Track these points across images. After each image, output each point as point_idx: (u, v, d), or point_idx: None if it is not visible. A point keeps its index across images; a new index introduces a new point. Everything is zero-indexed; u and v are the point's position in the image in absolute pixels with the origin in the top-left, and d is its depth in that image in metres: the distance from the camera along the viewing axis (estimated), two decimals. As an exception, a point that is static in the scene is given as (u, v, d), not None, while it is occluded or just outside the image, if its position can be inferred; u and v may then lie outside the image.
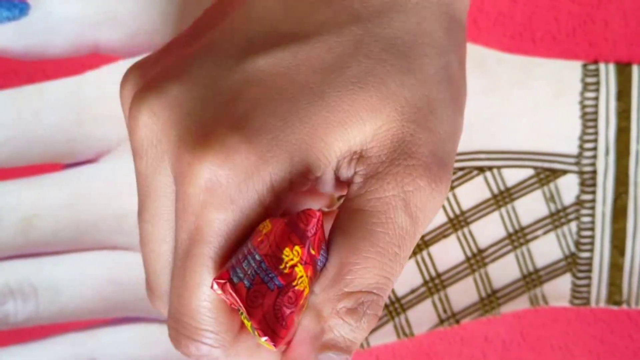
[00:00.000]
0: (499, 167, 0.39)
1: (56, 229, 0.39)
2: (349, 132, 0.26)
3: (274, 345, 0.25)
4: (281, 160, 0.26)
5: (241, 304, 0.25)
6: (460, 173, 0.39)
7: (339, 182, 0.28)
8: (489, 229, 0.39)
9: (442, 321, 0.39)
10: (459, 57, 0.29)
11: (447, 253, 0.39)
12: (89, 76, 0.39)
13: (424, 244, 0.39)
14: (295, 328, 0.26)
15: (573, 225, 0.40)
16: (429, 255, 0.39)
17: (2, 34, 0.38)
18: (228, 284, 0.25)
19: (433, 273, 0.39)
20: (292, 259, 0.25)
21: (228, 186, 0.25)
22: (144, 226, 0.29)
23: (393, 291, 0.39)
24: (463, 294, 0.39)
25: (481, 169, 0.39)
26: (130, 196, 0.38)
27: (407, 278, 0.39)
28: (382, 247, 0.26)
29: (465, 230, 0.39)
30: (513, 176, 0.39)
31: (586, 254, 0.40)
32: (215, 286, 0.25)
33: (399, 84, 0.27)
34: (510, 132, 0.39)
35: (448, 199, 0.39)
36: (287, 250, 0.25)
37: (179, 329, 0.27)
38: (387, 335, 0.39)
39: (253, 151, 0.25)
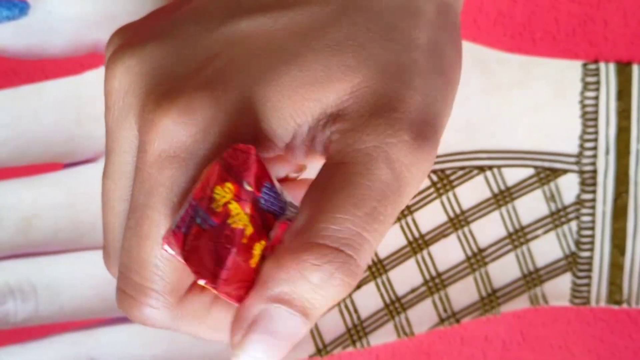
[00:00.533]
0: (499, 167, 0.39)
1: (56, 228, 0.39)
2: (320, 90, 0.25)
3: (215, 288, 0.24)
4: (243, 114, 0.25)
5: (179, 252, 0.24)
6: (460, 172, 0.39)
7: (313, 152, 0.27)
8: (489, 229, 0.39)
9: (442, 320, 0.39)
10: (450, 36, 0.28)
11: (448, 252, 0.39)
12: (88, 76, 0.39)
13: (424, 243, 0.39)
14: (243, 271, 0.24)
15: (573, 225, 0.40)
16: (429, 254, 0.39)
17: (2, 33, 0.38)
18: (171, 237, 0.24)
19: (433, 272, 0.39)
20: (224, 197, 0.24)
21: (185, 136, 0.25)
22: (105, 182, 0.28)
23: (393, 290, 0.39)
24: (463, 293, 0.39)
25: (481, 169, 0.39)
26: (130, 195, 0.38)
27: (408, 277, 0.39)
28: (360, 198, 0.24)
29: (466, 229, 0.39)
30: (513, 175, 0.39)
31: (586, 254, 0.40)
32: (166, 245, 0.24)
33: (382, 47, 0.26)
34: (510, 132, 0.39)
35: (448, 199, 0.39)
36: (218, 189, 0.24)
37: (125, 288, 0.26)
38: (387, 335, 0.39)
39: (215, 103, 0.25)
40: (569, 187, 0.40)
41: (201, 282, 0.24)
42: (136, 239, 0.26)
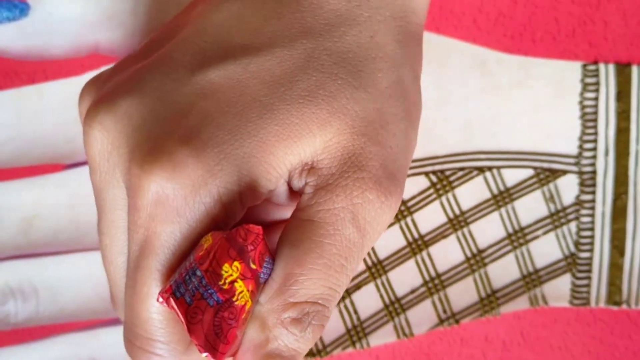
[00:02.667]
0: (498, 168, 0.39)
1: (57, 229, 0.39)
2: (299, 145, 0.27)
3: (215, 359, 0.25)
4: (229, 173, 0.26)
5: (182, 320, 0.25)
6: (460, 173, 0.39)
7: (293, 192, 0.28)
8: (488, 229, 0.39)
9: (442, 321, 0.39)
10: (413, 71, 0.29)
11: (447, 253, 0.39)
12: (89, 77, 0.39)
13: (423, 244, 0.39)
14: (239, 342, 0.27)
15: (573, 226, 0.40)
16: (429, 255, 0.39)
17: (3, 34, 0.38)
18: (171, 299, 0.25)
19: (433, 273, 0.39)
20: (231, 275, 0.26)
21: (175, 199, 0.26)
22: (102, 238, 0.29)
23: (393, 291, 0.39)
24: (463, 294, 0.39)
25: (481, 169, 0.39)
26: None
27: (407, 278, 0.39)
28: (329, 258, 0.26)
29: (465, 230, 0.39)
30: (513, 176, 0.39)
31: (586, 254, 0.40)
32: (161, 299, 0.25)
33: (350, 98, 0.27)
34: (510, 133, 0.39)
35: (448, 199, 0.39)
36: (226, 266, 0.25)
37: (132, 339, 0.27)
38: (387, 335, 0.39)
39: (200, 165, 0.26)
40: (568, 188, 0.40)
41: (203, 355, 0.25)
42: (136, 297, 0.27)
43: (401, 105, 0.28)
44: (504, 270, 0.40)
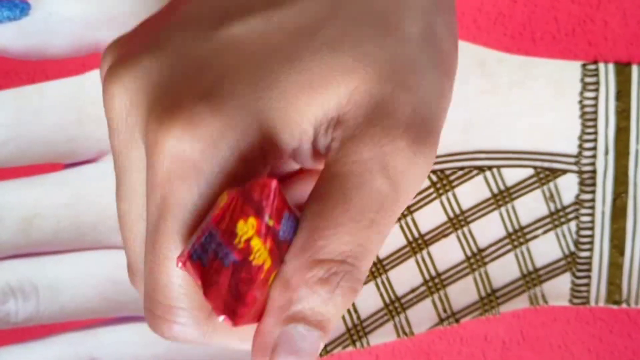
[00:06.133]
0: (498, 167, 0.39)
1: (57, 228, 0.39)
2: (322, 95, 0.25)
3: (233, 324, 0.24)
4: (248, 125, 0.25)
5: (198, 283, 0.24)
6: (460, 173, 0.39)
7: (319, 155, 0.27)
8: (488, 229, 0.39)
9: (441, 320, 0.39)
10: (445, 20, 0.28)
11: (447, 252, 0.39)
12: (89, 76, 0.39)
13: (424, 243, 0.39)
14: (262, 304, 0.25)
15: (572, 225, 0.40)
16: (429, 254, 0.39)
17: (3, 33, 0.38)
18: (188, 263, 0.24)
19: (433, 272, 0.39)
20: (246, 232, 0.24)
21: (192, 153, 0.24)
22: (120, 205, 0.28)
23: (393, 290, 0.39)
24: (463, 293, 0.39)
25: (481, 169, 0.39)
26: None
27: (407, 277, 0.39)
28: (357, 212, 0.24)
29: (465, 229, 0.39)
30: (513, 176, 0.39)
31: (586, 254, 0.40)
32: (180, 264, 0.24)
33: (376, 44, 0.26)
34: (509, 132, 0.39)
35: (448, 199, 0.39)
36: (241, 224, 0.24)
37: (152, 309, 0.26)
38: (386, 335, 0.39)
39: (218, 117, 0.24)
40: (568, 187, 0.40)
41: (220, 318, 0.24)
42: (156, 261, 0.25)
43: (432, 53, 0.26)
44: (503, 270, 0.40)
